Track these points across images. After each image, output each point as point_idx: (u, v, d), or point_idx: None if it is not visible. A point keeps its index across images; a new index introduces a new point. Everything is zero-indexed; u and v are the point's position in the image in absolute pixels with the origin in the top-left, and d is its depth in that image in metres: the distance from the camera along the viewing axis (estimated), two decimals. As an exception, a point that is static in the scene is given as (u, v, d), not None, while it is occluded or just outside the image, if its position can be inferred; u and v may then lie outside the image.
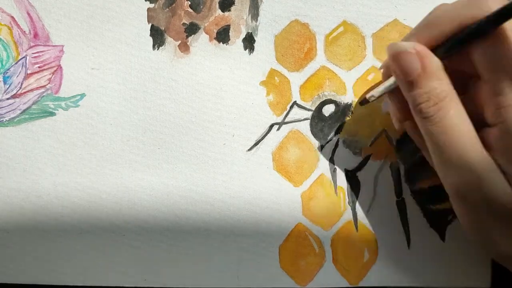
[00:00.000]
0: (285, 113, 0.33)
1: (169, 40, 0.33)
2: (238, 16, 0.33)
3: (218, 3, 0.33)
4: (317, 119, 0.33)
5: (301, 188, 0.33)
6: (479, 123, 0.26)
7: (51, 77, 0.32)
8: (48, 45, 0.32)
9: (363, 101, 0.31)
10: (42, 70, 0.32)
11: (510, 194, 0.25)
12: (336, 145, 0.33)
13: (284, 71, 0.33)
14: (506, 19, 0.22)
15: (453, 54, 0.26)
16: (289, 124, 0.33)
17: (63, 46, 0.32)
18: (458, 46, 0.25)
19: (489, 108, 0.25)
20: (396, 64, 0.26)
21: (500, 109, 0.24)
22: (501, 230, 0.26)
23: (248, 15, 0.33)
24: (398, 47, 0.26)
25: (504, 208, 0.25)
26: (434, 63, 0.25)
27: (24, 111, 0.32)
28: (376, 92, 0.29)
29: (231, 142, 0.33)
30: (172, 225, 0.32)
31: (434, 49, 0.26)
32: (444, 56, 0.26)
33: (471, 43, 0.24)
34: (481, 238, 0.27)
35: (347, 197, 0.33)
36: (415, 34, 0.27)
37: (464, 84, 0.26)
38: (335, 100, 0.33)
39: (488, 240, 0.27)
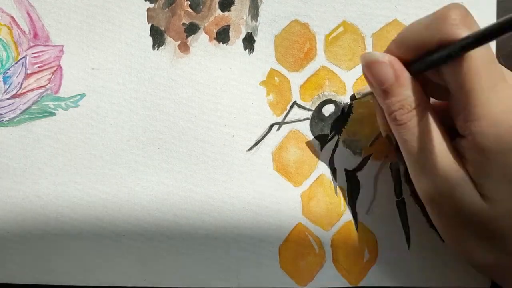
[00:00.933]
0: (285, 113, 0.33)
1: (169, 40, 0.33)
2: (238, 16, 0.33)
3: (218, 3, 0.33)
4: (317, 119, 0.33)
5: (301, 188, 0.33)
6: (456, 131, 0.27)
7: (51, 77, 0.32)
8: (48, 45, 0.32)
9: (351, 96, 0.32)
10: (42, 70, 0.32)
11: (479, 204, 0.25)
12: (336, 145, 0.33)
13: (284, 71, 0.33)
14: (474, 47, 0.23)
15: (422, 72, 0.26)
16: (289, 124, 0.33)
17: (63, 46, 0.32)
18: (427, 67, 0.26)
19: (458, 120, 0.26)
20: (370, 73, 0.27)
21: (467, 123, 0.25)
22: (473, 239, 0.27)
23: (248, 15, 0.33)
24: (371, 56, 0.27)
25: (475, 218, 0.26)
26: (406, 73, 0.26)
27: (24, 111, 0.32)
28: (361, 90, 0.30)
29: (231, 142, 0.33)
30: (172, 225, 0.32)
31: (405, 64, 0.27)
32: (414, 74, 0.26)
33: (440, 64, 0.25)
34: (455, 245, 0.28)
35: (347, 197, 0.33)
36: (387, 50, 0.28)
37: (446, 90, 0.26)
38: (335, 100, 0.33)
39: (463, 248, 0.27)
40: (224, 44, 0.33)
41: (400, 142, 0.27)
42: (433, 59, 0.25)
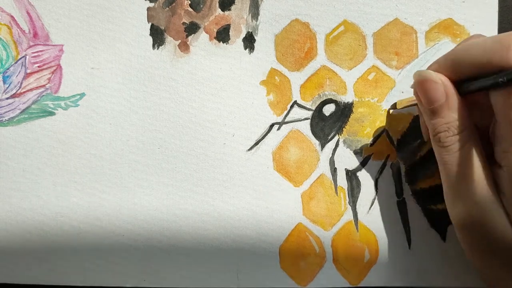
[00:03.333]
0: (285, 112, 0.33)
1: (169, 39, 0.33)
2: (238, 15, 0.33)
3: (218, 2, 0.33)
4: (317, 119, 0.33)
5: (301, 188, 0.33)
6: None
7: (50, 77, 0.32)
8: (48, 45, 0.32)
9: (392, 106, 0.32)
10: (41, 70, 0.32)
11: (510, 234, 0.25)
12: (337, 145, 0.33)
13: (285, 71, 0.33)
14: None
15: (470, 93, 0.26)
16: (289, 123, 0.33)
17: (62, 45, 0.32)
18: (478, 90, 0.26)
19: (498, 148, 0.26)
20: (421, 91, 0.27)
21: (507, 153, 0.25)
22: (503, 269, 0.26)
23: (249, 14, 0.33)
24: (425, 75, 0.27)
25: (504, 247, 0.25)
26: (456, 96, 0.26)
27: (23, 110, 0.32)
28: (403, 102, 0.31)
29: (231, 141, 0.33)
30: (172, 225, 0.32)
31: (455, 84, 0.27)
32: (464, 94, 0.26)
33: (491, 89, 0.25)
34: (485, 274, 0.28)
35: (347, 197, 0.33)
36: (439, 66, 0.27)
37: (488, 113, 0.27)
38: (335, 100, 0.33)
39: (493, 277, 0.27)
40: (225, 44, 0.33)
41: (440, 163, 0.27)
42: (486, 84, 0.25)
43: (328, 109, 0.33)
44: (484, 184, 0.26)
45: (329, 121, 0.33)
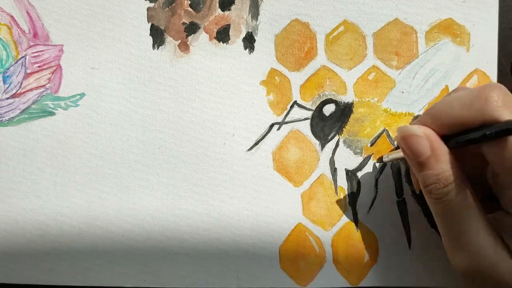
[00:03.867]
0: (285, 112, 0.33)
1: (169, 39, 0.33)
2: (238, 15, 0.33)
3: (218, 2, 0.33)
4: (317, 119, 0.33)
5: (301, 188, 0.33)
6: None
7: (50, 77, 0.32)
8: (48, 45, 0.32)
9: (379, 159, 0.32)
10: (41, 70, 0.32)
11: None
12: (337, 145, 0.33)
13: (285, 71, 0.33)
14: None
15: (460, 148, 0.26)
16: (289, 123, 0.33)
17: (62, 45, 0.32)
18: (465, 144, 0.26)
19: (502, 197, 0.26)
20: (405, 146, 0.27)
21: None
22: None
23: (248, 14, 0.33)
24: (407, 130, 0.27)
25: None
26: (443, 147, 0.26)
27: (23, 110, 0.32)
28: (390, 154, 0.30)
29: (231, 141, 0.32)
30: (171, 225, 0.32)
31: (442, 137, 0.26)
32: (453, 148, 0.26)
33: (480, 142, 0.25)
34: None
35: (347, 197, 0.33)
36: (421, 121, 0.27)
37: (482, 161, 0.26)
38: (335, 100, 0.33)
39: None
40: (225, 44, 0.33)
41: (435, 214, 0.27)
42: (473, 138, 0.25)
43: (328, 109, 0.33)
44: (484, 232, 0.25)
45: (329, 121, 0.33)
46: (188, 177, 0.32)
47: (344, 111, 0.33)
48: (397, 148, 0.31)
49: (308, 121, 0.33)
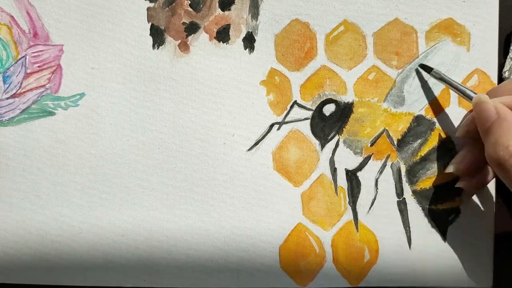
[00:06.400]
0: (285, 112, 0.33)
1: (169, 39, 0.33)
2: (238, 15, 0.33)
3: (218, 2, 0.33)
4: (317, 119, 0.33)
5: (301, 188, 0.33)
6: None
7: (50, 77, 0.32)
8: (48, 45, 0.32)
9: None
10: (41, 70, 0.32)
11: None
12: (337, 145, 0.33)
13: (285, 71, 0.33)
14: None
15: None
16: (289, 123, 0.33)
17: (62, 45, 0.32)
18: None
19: None
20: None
21: None
22: None
23: (248, 14, 0.33)
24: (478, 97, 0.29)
25: None
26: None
27: (23, 110, 0.32)
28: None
29: (231, 141, 0.32)
30: (172, 225, 0.32)
31: None
32: None
33: None
34: None
35: (347, 197, 0.33)
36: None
37: None
38: (335, 100, 0.33)
39: None
40: (225, 44, 0.33)
41: (504, 180, 0.27)
42: None
43: (328, 109, 0.33)
44: None
45: (329, 121, 0.33)
46: (188, 177, 0.32)
47: (344, 111, 0.33)
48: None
49: (308, 121, 0.33)
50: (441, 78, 0.31)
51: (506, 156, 0.26)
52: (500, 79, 0.33)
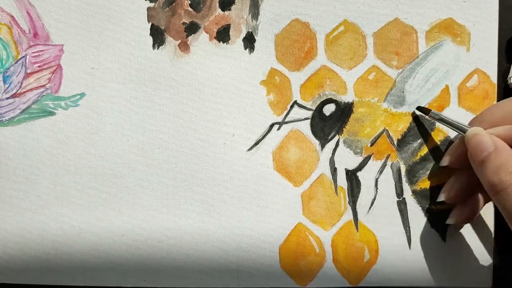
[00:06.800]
0: (285, 112, 0.33)
1: (169, 39, 0.33)
2: (239, 15, 0.33)
3: (218, 2, 0.33)
4: (317, 119, 0.33)
5: (301, 188, 0.33)
6: None
7: (50, 77, 0.32)
8: (48, 45, 0.32)
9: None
10: (42, 70, 0.32)
11: None
12: (337, 145, 0.33)
13: (285, 71, 0.33)
14: None
15: None
16: (289, 123, 0.33)
17: (62, 45, 0.32)
18: None
19: None
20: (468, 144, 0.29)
21: None
22: None
23: (249, 14, 0.33)
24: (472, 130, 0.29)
25: None
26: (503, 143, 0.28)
27: (23, 110, 0.32)
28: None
29: (231, 141, 0.32)
30: (172, 225, 0.32)
31: None
32: None
33: None
34: None
35: (347, 197, 0.33)
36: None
37: None
38: (335, 100, 0.33)
39: None
40: (225, 44, 0.33)
41: (502, 209, 0.27)
42: None
43: (328, 109, 0.33)
44: None
45: (329, 121, 0.33)
46: (188, 177, 0.32)
47: (344, 111, 0.33)
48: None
49: (308, 121, 0.33)
50: (440, 119, 0.31)
51: (510, 180, 0.26)
52: (505, 85, 0.33)
